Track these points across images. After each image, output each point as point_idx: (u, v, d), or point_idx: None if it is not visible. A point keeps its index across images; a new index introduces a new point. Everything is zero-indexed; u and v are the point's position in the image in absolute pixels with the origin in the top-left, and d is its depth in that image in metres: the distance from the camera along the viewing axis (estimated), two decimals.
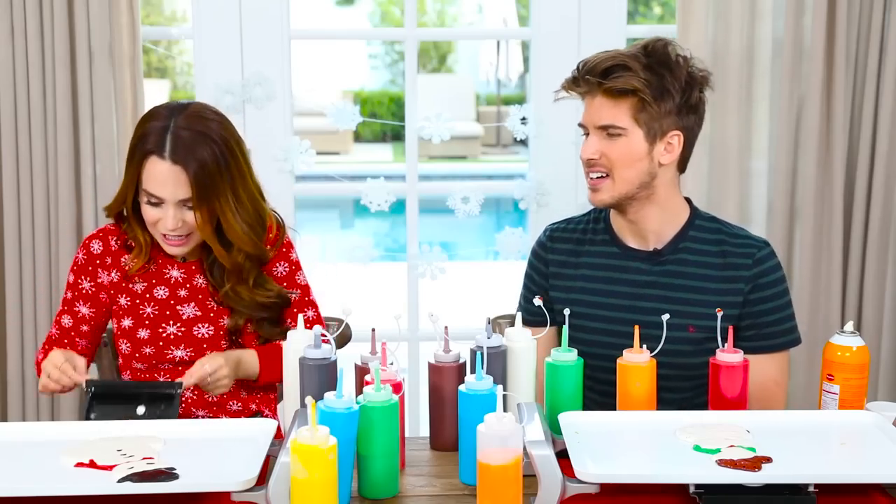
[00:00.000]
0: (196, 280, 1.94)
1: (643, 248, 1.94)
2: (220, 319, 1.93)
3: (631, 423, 1.62)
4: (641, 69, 1.81)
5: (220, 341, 1.93)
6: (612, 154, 1.85)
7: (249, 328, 1.95)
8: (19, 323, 2.59)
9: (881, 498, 1.44)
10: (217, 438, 1.59)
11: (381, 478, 1.48)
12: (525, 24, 5.58)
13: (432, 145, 3.11)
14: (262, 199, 1.93)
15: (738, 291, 1.88)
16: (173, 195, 1.80)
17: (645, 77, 1.81)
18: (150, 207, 1.83)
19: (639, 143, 1.84)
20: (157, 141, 1.80)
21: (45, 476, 1.44)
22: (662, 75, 1.82)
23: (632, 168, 1.85)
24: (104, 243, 1.95)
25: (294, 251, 2.02)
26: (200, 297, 1.94)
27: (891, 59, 2.59)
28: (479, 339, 1.64)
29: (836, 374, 1.69)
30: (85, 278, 1.95)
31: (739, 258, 1.89)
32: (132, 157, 1.83)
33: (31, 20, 2.50)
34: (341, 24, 12.13)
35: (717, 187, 2.65)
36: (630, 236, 1.95)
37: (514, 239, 2.79)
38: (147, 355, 1.93)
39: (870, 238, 2.67)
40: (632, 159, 1.85)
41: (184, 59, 8.59)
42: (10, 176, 2.56)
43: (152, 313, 1.93)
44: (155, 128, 1.81)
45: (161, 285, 1.94)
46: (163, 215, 1.82)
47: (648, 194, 1.88)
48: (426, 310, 2.08)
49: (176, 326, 1.92)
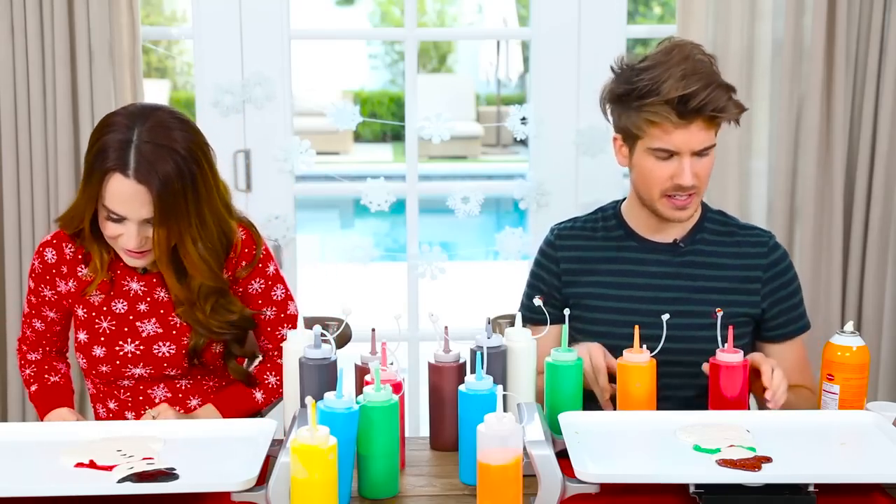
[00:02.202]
0: (157, 293, 1.85)
1: (663, 241, 1.95)
2: (183, 338, 1.84)
3: (631, 423, 1.62)
4: (726, 89, 1.82)
5: (181, 361, 1.84)
6: (704, 172, 1.86)
7: (214, 348, 1.87)
8: (19, 323, 2.59)
9: (881, 498, 1.44)
10: (217, 438, 1.59)
11: (381, 478, 1.48)
12: (525, 24, 5.58)
13: (432, 145, 3.11)
14: (228, 213, 1.82)
15: (756, 279, 1.93)
16: (137, 214, 1.70)
17: (734, 99, 1.83)
18: (110, 223, 1.72)
19: (714, 152, 1.88)
20: (118, 157, 1.67)
21: (45, 476, 1.44)
22: (727, 83, 1.84)
23: (709, 177, 1.90)
24: (58, 252, 1.84)
25: (272, 263, 1.92)
26: (162, 313, 1.84)
27: (891, 59, 2.59)
28: (479, 339, 1.64)
29: (836, 374, 1.69)
30: (44, 286, 1.86)
31: (753, 247, 1.95)
32: (90, 172, 1.70)
33: (31, 20, 2.50)
34: (341, 24, 12.12)
35: (718, 187, 2.64)
36: (650, 231, 1.96)
37: (514, 239, 2.79)
38: (103, 373, 1.84)
39: (870, 238, 2.67)
40: (711, 169, 1.89)
41: (184, 59, 8.59)
42: (10, 176, 2.56)
43: (108, 329, 1.83)
44: (115, 141, 1.68)
45: (120, 298, 1.84)
46: (124, 231, 1.72)
47: None
48: (426, 310, 2.08)
49: (134, 345, 1.83)
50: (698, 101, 1.78)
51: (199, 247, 1.75)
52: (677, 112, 1.78)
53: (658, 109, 1.79)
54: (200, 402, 1.89)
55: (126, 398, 1.88)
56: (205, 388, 1.91)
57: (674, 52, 1.82)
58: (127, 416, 1.88)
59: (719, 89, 1.80)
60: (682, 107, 1.78)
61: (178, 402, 1.88)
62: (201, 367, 1.88)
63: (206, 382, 1.91)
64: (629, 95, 1.83)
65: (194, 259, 1.76)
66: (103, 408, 1.91)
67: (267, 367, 1.93)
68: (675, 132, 1.81)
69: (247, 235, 1.89)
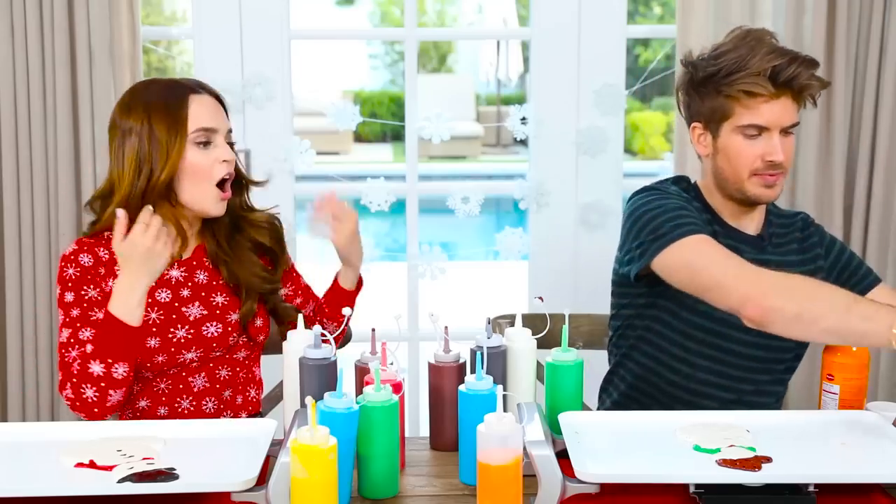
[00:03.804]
0: (197, 277, 1.89)
1: (748, 233, 1.94)
2: (228, 315, 1.89)
3: (631, 423, 1.62)
4: (810, 63, 1.83)
5: (227, 338, 1.89)
6: (790, 151, 1.87)
7: (258, 321, 1.92)
8: (19, 323, 2.59)
9: (881, 498, 1.44)
10: (217, 438, 1.59)
11: (381, 478, 1.48)
12: (525, 24, 5.58)
13: (432, 145, 3.11)
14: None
15: (818, 257, 1.97)
16: (225, 124, 1.83)
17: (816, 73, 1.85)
18: (200, 153, 1.80)
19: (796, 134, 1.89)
20: (183, 87, 1.81)
21: (45, 476, 1.44)
22: (810, 60, 1.85)
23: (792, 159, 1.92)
24: (93, 255, 1.82)
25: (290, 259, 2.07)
26: (204, 295, 1.88)
27: (891, 59, 2.59)
28: (479, 339, 1.64)
29: (836, 374, 1.69)
30: (89, 287, 1.80)
31: (802, 232, 1.99)
32: (165, 110, 1.78)
33: (31, 20, 2.50)
34: (341, 24, 12.14)
35: None
36: (734, 218, 1.94)
37: (514, 239, 2.79)
38: (159, 363, 1.83)
39: (870, 238, 2.67)
40: (794, 151, 1.90)
41: (184, 59, 8.58)
42: (10, 176, 2.56)
43: (157, 319, 1.84)
44: (165, 83, 1.83)
45: (162, 287, 1.85)
46: (218, 149, 1.81)
47: None
48: (426, 310, 2.08)
49: (185, 329, 1.85)
50: (788, 73, 1.79)
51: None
52: (773, 82, 1.80)
53: (752, 80, 1.80)
54: (231, 394, 1.92)
55: (165, 389, 1.86)
56: (241, 377, 1.94)
57: (749, 35, 1.84)
58: (159, 413, 1.87)
59: (805, 63, 1.81)
60: (773, 79, 1.80)
61: (215, 393, 1.90)
62: (244, 346, 1.93)
63: (238, 374, 1.93)
64: (714, 76, 1.84)
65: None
66: (130, 409, 1.88)
67: (325, 312, 2.03)
68: (766, 106, 1.81)
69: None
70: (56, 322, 2.58)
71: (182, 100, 1.79)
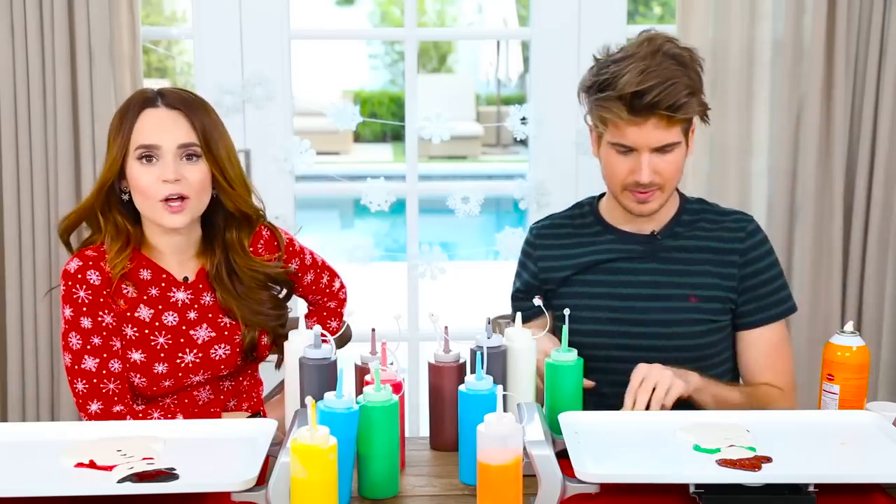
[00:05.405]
0: (203, 299, 1.84)
1: (640, 233, 1.96)
2: (235, 336, 1.85)
3: (631, 423, 1.62)
4: (686, 87, 1.78)
5: (235, 360, 1.86)
6: (667, 170, 1.84)
7: (265, 339, 1.89)
8: (19, 323, 2.59)
9: (881, 498, 1.44)
10: (217, 438, 1.59)
11: (381, 478, 1.48)
12: (525, 24, 5.58)
13: (432, 145, 3.11)
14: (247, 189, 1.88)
15: (733, 263, 1.92)
16: (173, 139, 1.72)
17: (698, 96, 1.81)
18: (142, 169, 1.73)
19: (683, 149, 1.86)
20: (144, 98, 1.75)
21: (45, 476, 1.44)
22: (693, 80, 1.82)
23: (679, 173, 1.88)
24: (99, 271, 1.77)
25: (297, 242, 1.98)
26: (211, 317, 1.84)
27: (891, 59, 2.59)
28: (479, 339, 1.64)
29: (836, 374, 1.69)
30: (104, 313, 1.77)
31: (730, 233, 1.94)
32: (118, 129, 1.74)
33: (31, 20, 2.50)
34: (341, 24, 12.15)
35: (717, 187, 2.65)
36: (627, 222, 1.97)
37: (514, 239, 2.79)
38: (166, 388, 1.81)
39: (870, 238, 2.67)
40: (680, 166, 1.87)
41: (184, 59, 8.59)
42: (10, 176, 2.56)
43: (165, 343, 1.80)
44: (139, 95, 1.77)
45: (169, 310, 1.81)
46: (160, 168, 1.72)
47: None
48: (426, 310, 2.08)
49: (193, 353, 1.82)
50: (651, 97, 1.75)
51: (233, 174, 1.78)
52: (629, 108, 1.77)
53: (611, 105, 1.79)
54: (236, 403, 1.91)
55: (170, 405, 1.84)
56: (244, 385, 1.94)
57: (644, 45, 1.81)
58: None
59: (676, 86, 1.77)
60: (635, 102, 1.76)
61: (220, 404, 1.89)
62: (250, 364, 1.91)
63: (242, 383, 1.93)
64: (592, 88, 1.84)
65: (232, 176, 1.78)
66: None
67: (322, 314, 2.03)
68: (628, 129, 1.80)
69: (269, 234, 1.93)
70: (57, 324, 2.58)
71: (136, 114, 1.74)
